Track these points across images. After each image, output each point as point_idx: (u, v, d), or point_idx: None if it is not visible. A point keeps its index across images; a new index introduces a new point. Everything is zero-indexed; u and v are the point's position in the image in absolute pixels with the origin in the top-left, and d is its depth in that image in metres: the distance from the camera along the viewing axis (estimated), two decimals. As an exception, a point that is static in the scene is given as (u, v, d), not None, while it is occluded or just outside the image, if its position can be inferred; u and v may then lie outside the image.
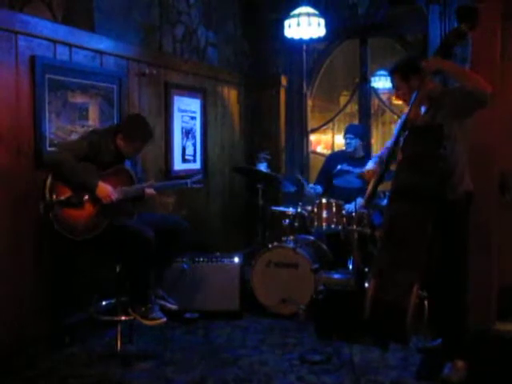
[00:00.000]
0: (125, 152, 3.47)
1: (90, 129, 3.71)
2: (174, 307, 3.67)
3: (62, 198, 3.23)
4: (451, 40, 2.82)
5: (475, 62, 3.56)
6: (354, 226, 4.04)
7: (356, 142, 4.77)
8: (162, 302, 3.60)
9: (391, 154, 2.92)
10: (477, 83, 2.78)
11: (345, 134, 4.89)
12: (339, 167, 4.81)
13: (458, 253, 3.01)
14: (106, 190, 3.28)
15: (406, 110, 3.27)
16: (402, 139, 2.91)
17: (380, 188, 3.19)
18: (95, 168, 3.34)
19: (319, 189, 4.80)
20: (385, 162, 2.98)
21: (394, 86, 3.20)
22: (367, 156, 4.92)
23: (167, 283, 3.82)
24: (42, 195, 3.21)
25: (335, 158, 4.99)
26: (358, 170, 4.50)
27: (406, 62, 3.19)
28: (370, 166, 3.49)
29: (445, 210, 2.78)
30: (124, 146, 3.43)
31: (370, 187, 3.08)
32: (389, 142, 3.58)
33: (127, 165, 3.53)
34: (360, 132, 4.86)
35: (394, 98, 6.53)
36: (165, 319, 3.40)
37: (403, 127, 2.89)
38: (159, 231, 3.50)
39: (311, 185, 4.89)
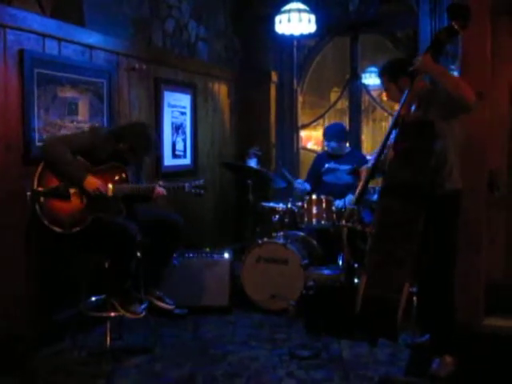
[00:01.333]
0: (128, 160, 3.48)
1: (81, 125, 3.70)
2: (170, 307, 3.69)
3: (50, 187, 3.22)
4: (442, 38, 2.81)
5: (465, 60, 3.56)
6: (344, 222, 4.05)
7: (333, 144, 4.82)
8: (159, 303, 3.61)
9: (381, 150, 2.92)
10: (463, 92, 2.75)
11: (323, 137, 4.99)
12: (327, 166, 4.85)
13: (445, 249, 3.02)
14: (94, 182, 3.26)
15: (397, 107, 3.28)
16: (392, 136, 2.92)
17: (370, 184, 3.20)
18: (88, 163, 3.33)
19: (308, 186, 4.83)
20: (375, 159, 2.98)
21: (383, 87, 3.28)
22: (353, 150, 4.96)
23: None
24: (31, 184, 3.21)
25: (323, 157, 5.03)
26: (344, 167, 4.55)
27: (394, 64, 3.27)
28: (366, 166, 3.50)
29: (432, 207, 2.79)
30: (128, 155, 3.44)
31: (360, 185, 3.09)
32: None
33: (130, 168, 3.52)
34: (333, 133, 4.87)
35: (383, 96, 6.58)
36: (142, 315, 3.41)
37: (394, 124, 2.90)
38: (156, 229, 3.51)
39: (300, 180, 4.92)
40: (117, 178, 3.42)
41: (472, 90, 2.77)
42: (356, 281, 3.66)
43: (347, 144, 4.97)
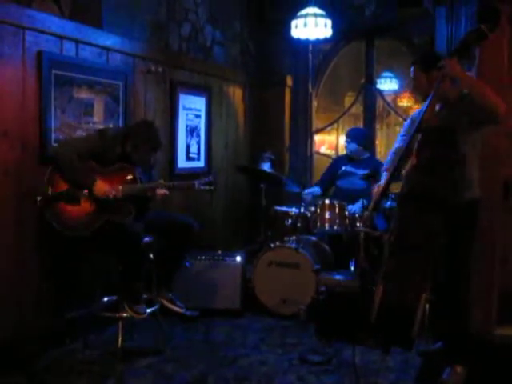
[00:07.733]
0: (134, 160, 3.44)
1: (96, 126, 3.73)
2: (181, 310, 3.68)
3: (59, 191, 3.24)
4: (470, 40, 2.76)
5: (482, 65, 3.53)
6: (360, 226, 4.03)
7: (353, 146, 4.82)
8: (170, 306, 3.61)
9: (403, 156, 2.87)
10: (492, 103, 2.70)
11: (345, 137, 4.97)
12: (343, 168, 4.87)
13: (461, 258, 2.99)
14: (103, 187, 3.26)
15: (412, 112, 3.25)
16: (416, 142, 2.85)
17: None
18: (97, 166, 3.34)
19: (317, 190, 4.84)
20: (396, 165, 2.92)
21: (412, 76, 3.15)
22: (371, 157, 4.95)
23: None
24: (40, 188, 3.23)
25: (341, 159, 5.08)
26: (361, 172, 4.54)
27: (429, 55, 3.23)
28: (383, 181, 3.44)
29: (450, 216, 2.76)
30: (132, 154, 3.42)
31: (378, 192, 3.04)
32: (394, 147, 3.50)
33: (138, 170, 3.52)
34: (357, 135, 4.86)
35: (399, 100, 6.54)
36: (144, 315, 3.40)
37: (418, 129, 2.81)
38: (169, 232, 3.52)
39: (308, 190, 4.89)
40: (126, 178, 3.41)
41: (502, 101, 2.71)
42: (369, 287, 3.64)
43: (366, 151, 4.91)
